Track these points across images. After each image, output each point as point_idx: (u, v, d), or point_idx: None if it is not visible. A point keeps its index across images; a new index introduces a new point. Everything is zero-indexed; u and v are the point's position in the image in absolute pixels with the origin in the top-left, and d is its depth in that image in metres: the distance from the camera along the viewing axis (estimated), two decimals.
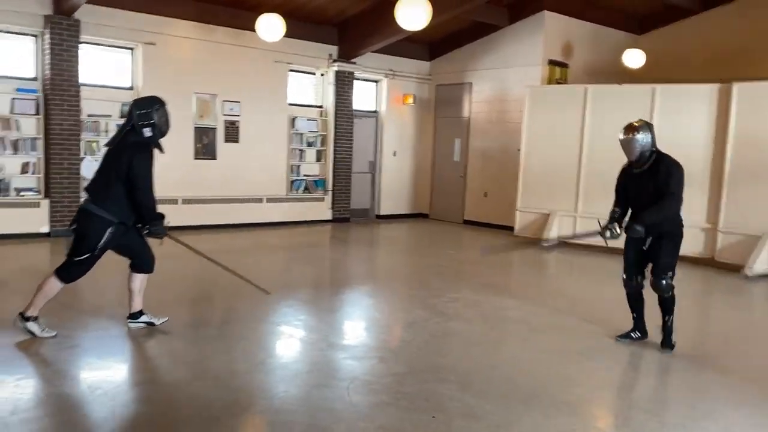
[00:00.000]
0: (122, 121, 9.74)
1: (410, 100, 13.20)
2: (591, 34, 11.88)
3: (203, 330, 5.18)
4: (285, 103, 11.47)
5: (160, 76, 9.91)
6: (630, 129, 4.89)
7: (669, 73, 10.83)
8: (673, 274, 4.90)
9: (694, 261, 8.62)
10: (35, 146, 8.99)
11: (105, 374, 4.12)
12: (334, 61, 11.85)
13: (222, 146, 10.72)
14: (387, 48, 12.00)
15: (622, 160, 5.05)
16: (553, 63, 11.44)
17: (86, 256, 4.52)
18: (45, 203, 9.00)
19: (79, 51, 9.04)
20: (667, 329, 4.97)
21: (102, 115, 9.56)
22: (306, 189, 11.94)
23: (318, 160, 12.09)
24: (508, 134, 11.65)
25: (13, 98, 8.79)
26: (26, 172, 9.00)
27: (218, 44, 10.45)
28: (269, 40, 9.43)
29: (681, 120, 8.99)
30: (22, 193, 8.95)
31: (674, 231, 4.91)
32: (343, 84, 12.04)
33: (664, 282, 4.85)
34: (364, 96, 12.87)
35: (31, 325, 4.55)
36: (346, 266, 8.91)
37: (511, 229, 10.81)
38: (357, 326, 5.72)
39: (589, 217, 9.71)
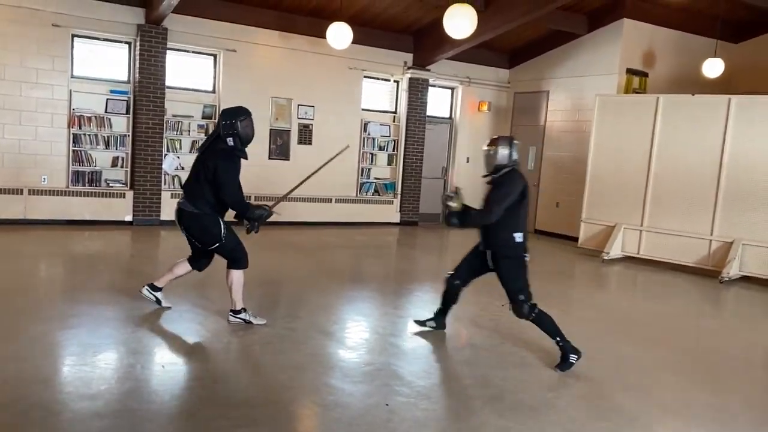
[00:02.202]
0: (203, 122, 10.67)
1: (485, 108, 13.22)
2: (674, 42, 11.39)
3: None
4: (358, 108, 11.87)
5: (239, 80, 10.62)
6: (491, 142, 4.86)
7: (759, 85, 10.21)
8: (527, 296, 4.74)
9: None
10: (124, 142, 9.93)
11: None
12: (409, 68, 12.12)
13: (295, 148, 11.29)
14: (463, 55, 12.11)
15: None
16: (631, 72, 11.08)
17: (217, 245, 5.00)
18: (129, 194, 9.91)
19: (166, 57, 9.89)
20: (562, 353, 4.67)
21: (184, 116, 10.38)
22: (375, 191, 12.29)
23: (389, 163, 12.40)
24: (581, 144, 11.40)
25: (108, 99, 9.78)
26: (116, 166, 9.97)
27: (295, 51, 11.02)
28: (338, 47, 9.84)
29: (756, 132, 8.50)
30: (110, 185, 9.93)
31: (508, 254, 4.80)
32: (417, 91, 12.28)
33: (520, 308, 4.72)
34: (438, 102, 13.05)
35: (243, 315, 5.12)
36: (404, 268, 9.13)
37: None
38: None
39: (655, 231, 9.43)
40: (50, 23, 9.15)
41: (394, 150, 12.42)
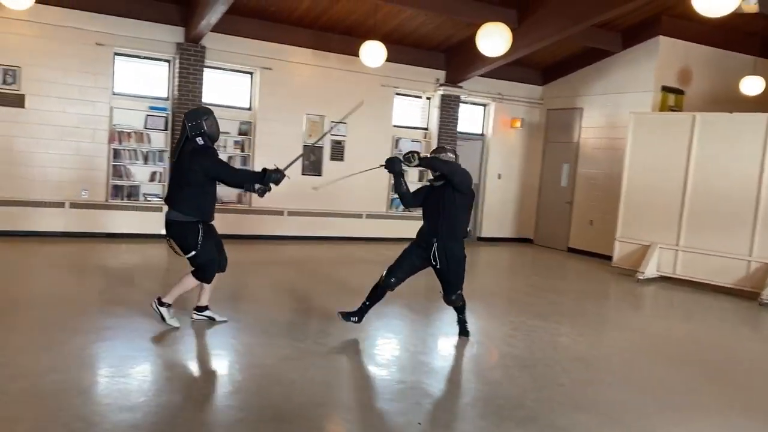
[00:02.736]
0: (239, 138, 10.86)
1: (518, 124, 13.19)
2: (711, 59, 11.23)
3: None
4: (390, 124, 11.96)
5: (274, 97, 10.80)
6: (438, 149, 5.55)
7: None
8: (461, 290, 5.49)
9: None
10: (162, 158, 10.16)
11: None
12: (441, 85, 12.18)
13: (328, 164, 11.40)
14: (496, 72, 12.13)
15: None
16: (667, 89, 10.95)
17: (194, 253, 5.15)
18: (166, 208, 10.07)
19: (204, 74, 10.12)
20: (462, 322, 5.68)
21: (221, 132, 10.54)
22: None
23: (420, 180, 12.41)
24: (615, 161, 11.28)
25: (147, 115, 10.03)
26: (153, 180, 10.20)
27: (329, 69, 11.17)
28: (371, 65, 9.95)
29: None
30: (148, 198, 10.15)
31: (460, 254, 5.39)
32: (449, 107, 12.32)
33: (456, 299, 5.52)
34: (470, 119, 13.06)
35: (164, 310, 5.28)
36: (433, 284, 9.12)
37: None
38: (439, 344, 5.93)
39: (691, 251, 9.26)
40: (94, 42, 9.44)
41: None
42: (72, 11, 9.25)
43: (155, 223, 10.05)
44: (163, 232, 5.35)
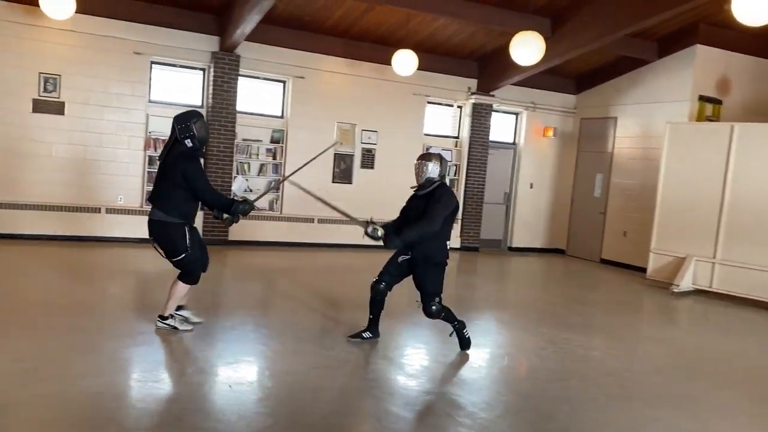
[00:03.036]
0: (271, 146, 10.97)
1: (550, 133, 13.07)
2: (750, 68, 10.99)
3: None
4: (420, 133, 11.95)
5: (306, 106, 10.89)
6: (423, 157, 5.38)
7: None
8: (440, 299, 5.21)
9: None
10: None
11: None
12: (473, 93, 12.14)
13: (358, 171, 11.44)
14: (529, 81, 12.04)
15: None
16: (704, 99, 10.73)
17: (183, 255, 5.16)
18: (199, 215, 10.18)
19: (238, 83, 10.25)
20: (458, 334, 5.40)
21: (254, 140, 10.70)
22: None
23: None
24: (650, 172, 11.09)
25: None
26: None
27: (361, 77, 11.22)
28: (403, 74, 9.97)
29: None
30: None
31: (438, 260, 5.21)
32: (480, 116, 12.27)
33: (433, 308, 5.18)
34: (502, 128, 12.99)
35: (170, 321, 5.29)
36: (464, 295, 9.07)
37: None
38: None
39: (729, 264, 9.04)
40: (131, 51, 9.65)
41: (455, 175, 12.41)
42: (111, 21, 9.47)
43: None
44: (239, 239, 5.36)
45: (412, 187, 5.43)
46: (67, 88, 9.39)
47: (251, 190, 10.76)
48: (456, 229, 12.35)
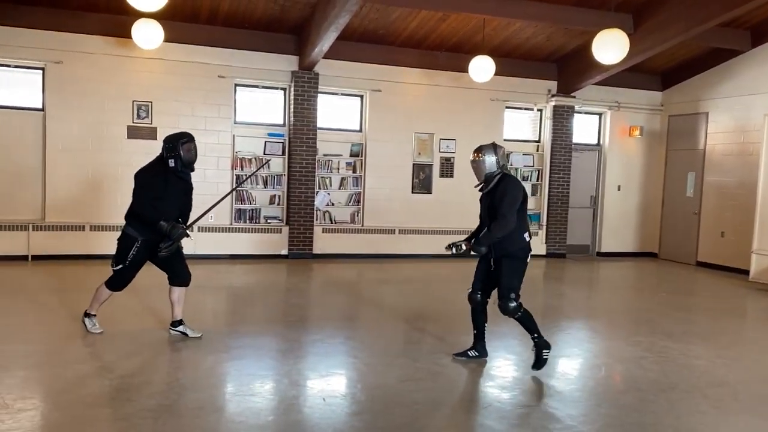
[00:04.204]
0: (350, 159, 11.12)
1: (637, 133, 12.58)
2: None
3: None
4: (500, 139, 11.76)
5: (384, 118, 10.99)
6: (476, 151, 5.09)
7: None
8: (517, 296, 4.95)
9: None
10: (280, 181, 10.60)
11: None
12: (553, 96, 11.87)
13: (437, 181, 11.41)
14: (611, 79, 11.66)
15: None
16: None
17: (120, 267, 5.37)
18: (285, 230, 10.52)
19: (317, 100, 10.47)
20: (536, 348, 5.01)
21: (334, 155, 10.89)
22: None
23: (533, 194, 12.13)
24: (748, 168, 10.48)
25: (266, 141, 10.51)
26: (273, 203, 10.66)
27: (437, 87, 11.21)
28: (480, 80, 9.88)
29: None
30: (268, 221, 10.60)
31: (515, 253, 4.99)
32: (561, 118, 11.98)
33: (509, 304, 4.91)
34: (585, 129, 12.62)
35: (87, 321, 5.60)
36: (552, 303, 8.84)
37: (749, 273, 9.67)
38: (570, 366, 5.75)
39: None
40: (216, 75, 10.05)
41: (538, 180, 12.16)
42: (196, 47, 9.90)
43: (275, 244, 10.49)
44: (278, 251, 5.57)
45: (475, 186, 5.24)
46: (158, 113, 9.89)
47: (333, 204, 10.95)
48: (541, 236, 12.09)
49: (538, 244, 12.08)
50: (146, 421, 3.78)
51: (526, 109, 12.09)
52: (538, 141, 12.25)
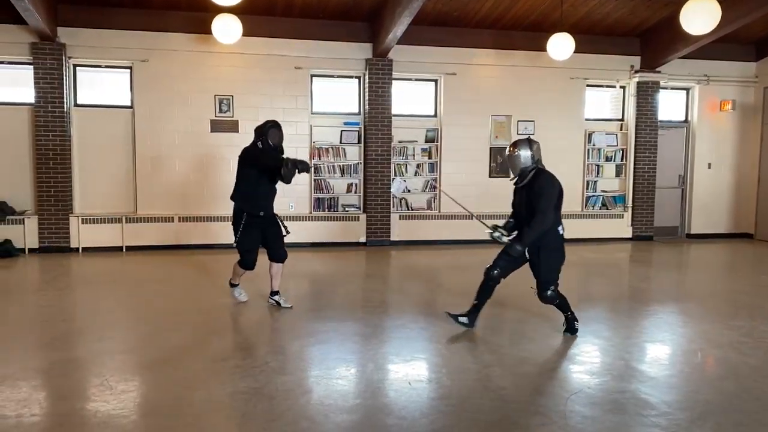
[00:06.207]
0: (426, 145, 11.09)
1: (728, 107, 11.87)
2: None
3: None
4: (581, 119, 11.41)
5: (459, 102, 10.85)
6: (512, 145, 5.28)
7: None
8: (556, 286, 5.25)
9: None
10: (357, 170, 10.69)
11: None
12: (636, 72, 11.37)
13: None
14: (699, 52, 11.04)
15: None
16: None
17: (237, 240, 6.02)
18: (363, 217, 10.61)
19: (392, 86, 10.45)
20: (569, 321, 5.41)
21: (409, 141, 10.86)
22: (603, 205, 11.66)
23: (617, 175, 11.69)
24: None
25: (342, 131, 10.61)
26: (350, 192, 10.76)
27: (514, 67, 10.97)
28: (559, 59, 9.57)
29: None
30: (346, 209, 10.71)
31: (552, 245, 5.15)
32: (646, 95, 11.47)
33: (548, 293, 5.22)
34: (671, 105, 12.03)
35: (234, 291, 6.48)
36: (640, 287, 8.50)
37: None
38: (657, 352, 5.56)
39: None
40: (293, 66, 10.22)
41: (622, 160, 11.70)
42: (273, 40, 10.10)
43: (354, 231, 10.60)
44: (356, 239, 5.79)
45: (511, 180, 5.40)
46: (239, 106, 10.16)
47: (409, 191, 10.94)
48: (627, 219, 11.66)
49: (623, 227, 11.67)
50: (238, 404, 3.90)
51: (608, 86, 11.65)
52: (622, 119, 11.78)
